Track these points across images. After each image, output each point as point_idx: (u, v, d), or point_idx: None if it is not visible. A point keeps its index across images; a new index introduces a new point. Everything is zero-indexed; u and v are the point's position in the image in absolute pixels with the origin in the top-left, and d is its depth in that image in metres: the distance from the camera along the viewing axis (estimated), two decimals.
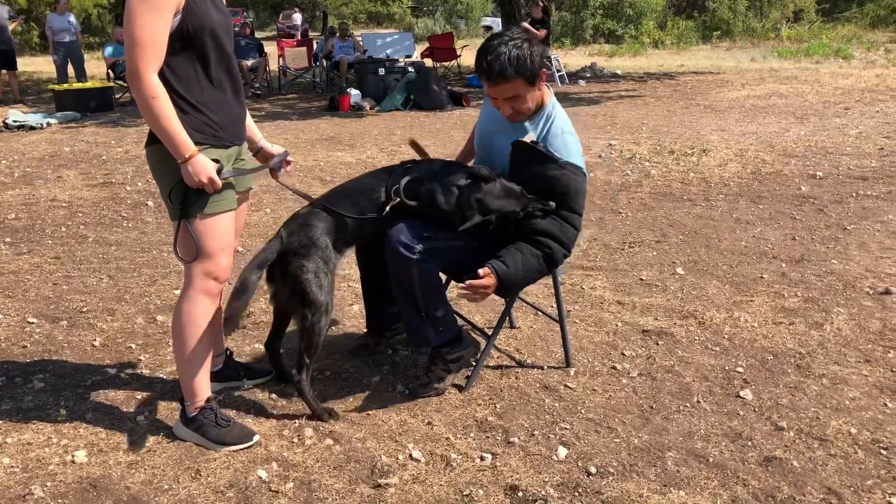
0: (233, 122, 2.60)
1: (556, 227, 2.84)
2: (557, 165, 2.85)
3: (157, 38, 2.34)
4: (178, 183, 2.47)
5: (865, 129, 8.83)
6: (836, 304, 3.83)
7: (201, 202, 2.50)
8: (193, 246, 2.54)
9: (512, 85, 2.77)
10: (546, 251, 2.83)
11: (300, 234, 2.81)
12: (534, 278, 2.90)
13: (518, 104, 2.85)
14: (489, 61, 2.76)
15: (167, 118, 2.36)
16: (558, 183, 2.84)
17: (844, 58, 19.29)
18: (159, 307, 4.00)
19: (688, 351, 3.37)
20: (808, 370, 3.17)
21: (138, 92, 2.35)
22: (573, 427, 2.78)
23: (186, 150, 2.40)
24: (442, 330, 2.96)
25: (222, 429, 2.69)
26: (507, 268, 2.77)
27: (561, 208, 2.85)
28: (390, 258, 2.83)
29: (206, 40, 2.46)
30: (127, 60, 2.35)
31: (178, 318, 2.63)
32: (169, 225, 5.53)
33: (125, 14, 2.34)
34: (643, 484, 2.44)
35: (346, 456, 2.63)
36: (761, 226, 5.20)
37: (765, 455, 2.59)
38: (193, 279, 2.59)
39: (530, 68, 2.76)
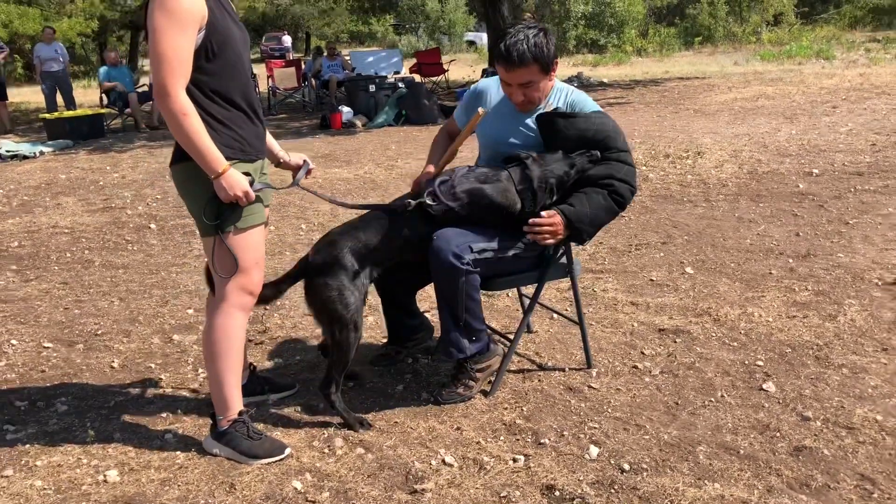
0: (257, 137, 2.62)
1: (608, 169, 2.93)
2: (583, 117, 2.97)
3: (183, 54, 2.36)
4: (212, 199, 2.48)
5: (855, 126, 8.94)
6: (847, 296, 3.87)
7: (235, 216, 2.51)
8: (231, 261, 2.54)
9: (528, 70, 2.87)
10: (611, 188, 2.91)
11: (325, 252, 2.85)
12: (605, 217, 2.96)
13: (530, 91, 2.95)
14: (507, 46, 2.86)
15: (198, 134, 2.38)
16: (593, 132, 2.95)
17: (826, 58, 19.54)
18: (174, 327, 4.00)
19: (706, 347, 3.40)
20: (828, 361, 3.20)
21: (168, 109, 2.35)
22: (602, 426, 2.80)
23: (219, 166, 2.41)
24: (475, 340, 2.99)
25: (254, 441, 2.69)
26: (574, 207, 2.87)
27: (605, 153, 2.94)
28: (438, 268, 2.85)
29: (230, 56, 2.49)
30: (154, 78, 2.36)
31: (213, 333, 2.63)
32: (175, 246, 5.55)
33: (150, 32, 2.36)
34: (678, 478, 2.46)
35: (379, 464, 2.63)
36: (764, 224, 5.25)
37: (794, 445, 2.61)
38: (229, 294, 2.59)
39: (546, 56, 2.88)
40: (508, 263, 2.99)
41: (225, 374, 2.67)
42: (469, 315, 2.93)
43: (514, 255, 2.98)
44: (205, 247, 2.65)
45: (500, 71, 2.96)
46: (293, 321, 3.98)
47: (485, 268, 2.89)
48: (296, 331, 3.87)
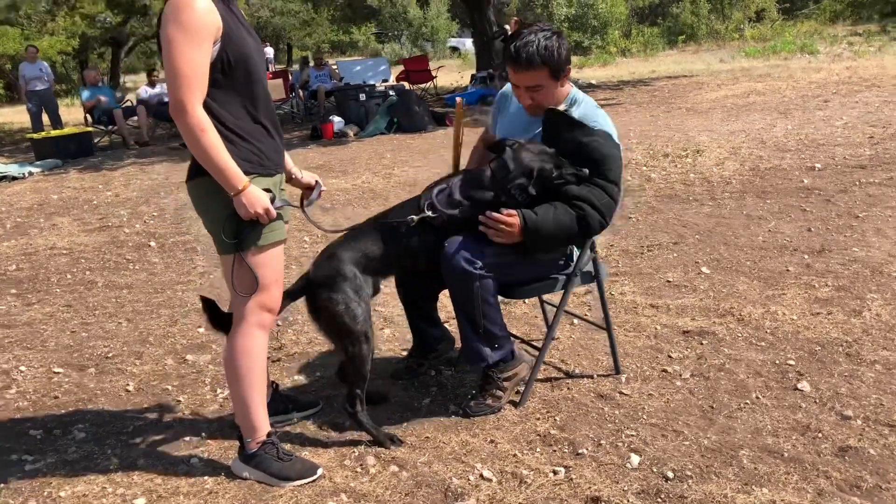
0: (275, 151, 2.55)
1: (589, 192, 2.80)
2: (589, 132, 2.85)
3: (199, 68, 2.29)
4: (231, 216, 2.41)
5: (850, 119, 8.94)
6: (869, 290, 3.83)
7: (255, 234, 2.44)
8: (252, 279, 2.47)
9: (536, 74, 2.81)
10: (579, 212, 2.79)
11: (326, 266, 2.79)
12: (564, 238, 2.86)
13: (539, 96, 2.88)
14: (517, 47, 2.80)
15: (217, 150, 2.31)
16: (591, 149, 2.83)
17: (811, 53, 19.60)
18: (186, 347, 3.91)
19: (734, 348, 3.35)
20: (859, 358, 3.15)
21: (185, 125, 2.29)
22: (639, 433, 2.74)
23: (239, 182, 2.34)
24: (498, 347, 2.92)
25: (285, 463, 2.62)
26: (536, 216, 2.75)
27: (594, 176, 2.82)
28: (450, 274, 2.79)
29: (246, 67, 2.42)
30: (170, 94, 2.29)
31: (234, 355, 2.55)
32: (177, 264, 5.46)
33: (164, 46, 2.29)
34: (724, 484, 2.40)
35: (415, 481, 2.56)
36: (774, 220, 5.21)
37: (839, 445, 2.56)
38: (248, 313, 2.52)
39: (556, 61, 2.81)
40: (527, 268, 2.93)
41: (250, 396, 2.59)
42: (488, 321, 2.87)
43: (531, 259, 2.90)
44: (223, 265, 2.57)
45: (509, 72, 2.91)
46: (308, 336, 3.90)
47: (499, 273, 2.83)
48: (312, 346, 3.79)
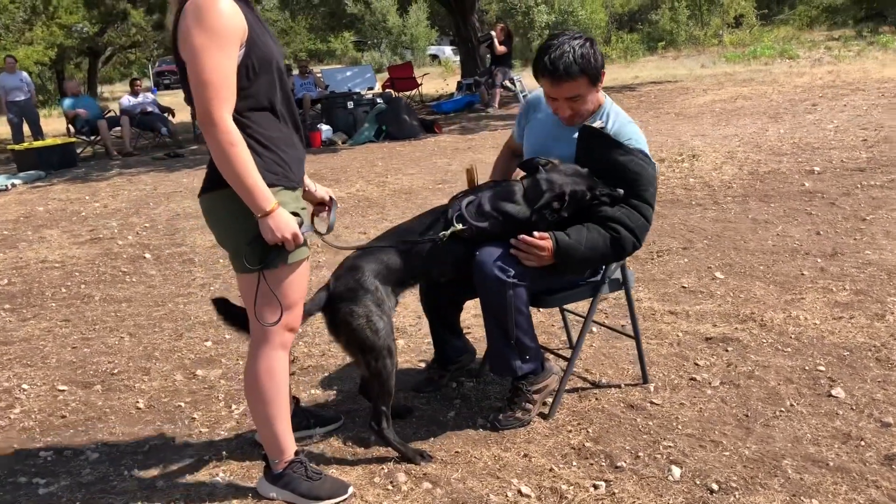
0: (298, 161, 2.43)
1: (623, 213, 2.75)
2: (625, 151, 2.78)
3: (228, 76, 2.16)
4: (255, 239, 2.26)
5: (840, 122, 8.98)
6: (888, 294, 3.80)
7: (281, 258, 2.30)
8: (277, 306, 2.33)
9: (576, 84, 2.72)
10: (613, 234, 2.73)
11: (346, 278, 2.68)
12: (597, 259, 2.79)
13: (578, 105, 2.80)
14: (553, 59, 2.70)
15: (247, 168, 2.17)
16: (626, 169, 2.76)
17: (791, 58, 19.75)
18: (195, 361, 3.80)
19: (760, 355, 3.29)
20: (890, 362, 3.11)
21: (214, 138, 2.15)
22: (676, 444, 2.67)
23: (268, 203, 2.20)
24: (528, 359, 2.85)
25: (314, 482, 2.52)
26: (569, 238, 2.69)
27: (629, 196, 2.75)
28: (483, 283, 2.71)
29: (271, 72, 2.31)
30: (198, 105, 2.14)
31: (258, 378, 2.42)
32: (175, 276, 5.34)
33: (189, 55, 2.15)
34: (772, 496, 2.34)
35: (451, 498, 2.48)
36: (781, 224, 5.19)
37: (884, 454, 2.51)
38: (271, 335, 2.39)
39: (594, 66, 2.73)
40: (555, 277, 2.86)
41: (276, 418, 2.47)
42: (520, 332, 2.79)
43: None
44: (241, 284, 2.41)
45: (545, 86, 2.81)
46: (321, 349, 3.81)
47: (531, 281, 2.75)
48: (325, 359, 3.69)
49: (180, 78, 2.32)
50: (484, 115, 13.72)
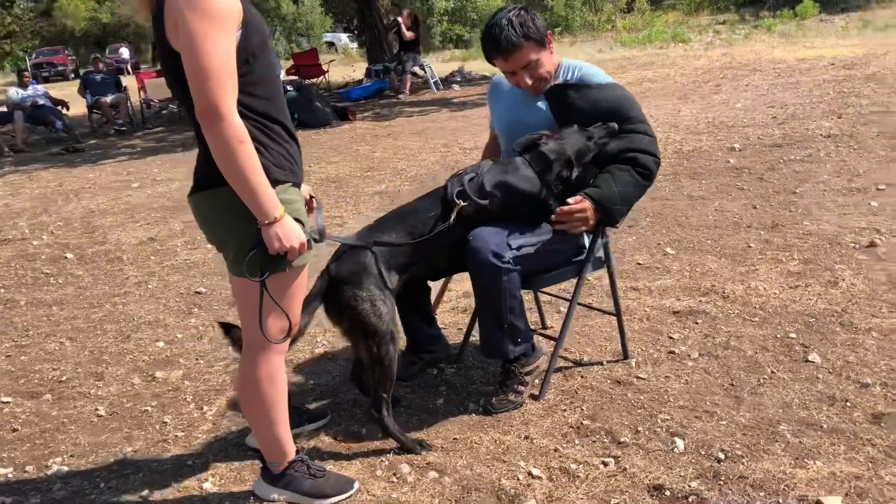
0: (299, 154, 2.28)
1: (627, 141, 2.80)
2: (596, 87, 2.85)
3: (231, 63, 1.96)
4: (255, 247, 2.08)
5: (747, 102, 9.35)
6: (834, 262, 3.96)
7: (284, 263, 2.13)
8: (283, 317, 2.19)
9: (524, 52, 2.78)
10: (634, 163, 2.79)
11: (349, 261, 2.59)
12: (634, 193, 2.84)
13: (536, 71, 2.84)
14: (495, 35, 2.78)
15: (254, 168, 1.98)
16: (605, 102, 2.83)
17: (683, 41, 20.45)
18: (151, 363, 3.60)
19: (730, 325, 3.38)
20: (854, 326, 3.24)
21: (219, 134, 1.94)
22: (673, 417, 2.71)
23: (275, 209, 2.03)
24: (521, 342, 2.82)
25: (318, 480, 2.41)
26: (601, 188, 2.74)
27: (623, 123, 2.81)
28: (478, 270, 2.67)
29: (268, 58, 2.15)
30: (200, 97, 1.93)
31: (258, 384, 2.28)
32: (106, 276, 5.07)
33: (186, 42, 1.93)
34: (777, 461, 2.39)
35: (462, 486, 2.43)
36: (717, 199, 5.35)
37: (871, 413, 2.61)
38: (270, 339, 2.24)
39: (535, 30, 2.79)
40: (547, 258, 2.85)
41: (277, 423, 2.34)
42: (513, 316, 2.76)
43: (553, 248, 2.84)
44: (236, 288, 2.25)
45: (499, 64, 2.87)
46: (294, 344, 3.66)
47: (524, 265, 2.73)
48: (297, 354, 3.55)
49: (165, 71, 2.12)
50: (397, 102, 13.62)
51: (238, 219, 2.09)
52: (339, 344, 3.59)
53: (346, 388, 3.17)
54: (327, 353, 3.52)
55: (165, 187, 7.97)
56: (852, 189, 5.20)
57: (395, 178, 7.25)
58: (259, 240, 2.07)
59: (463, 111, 11.65)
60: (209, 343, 3.77)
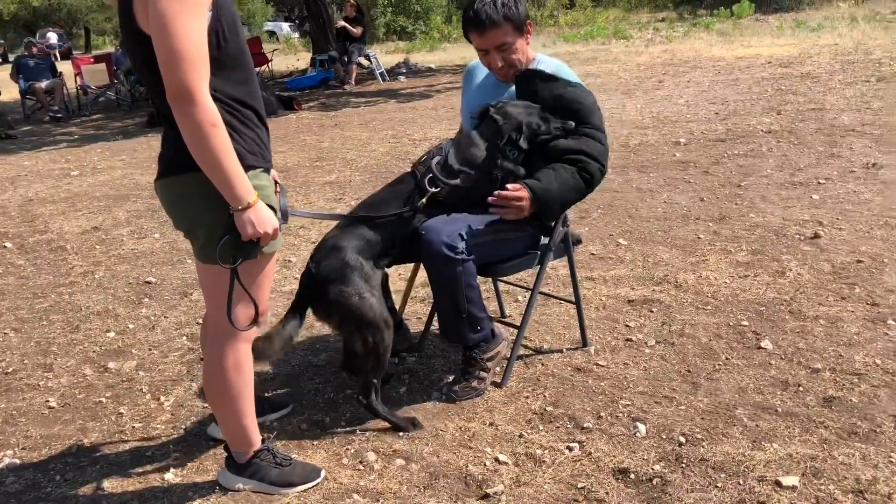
0: (268, 140, 2.25)
1: (580, 143, 2.80)
2: (564, 84, 2.85)
3: (203, 45, 1.91)
4: (227, 234, 2.03)
5: (689, 98, 9.55)
6: (781, 253, 4.09)
7: (256, 250, 2.10)
8: (251, 305, 2.16)
9: (501, 31, 2.77)
10: (580, 166, 2.78)
11: (331, 259, 2.59)
12: (573, 195, 2.84)
13: (509, 55, 2.84)
14: (476, 10, 2.77)
15: (227, 153, 1.93)
16: (569, 100, 2.83)
17: (625, 38, 20.76)
18: (102, 354, 3.51)
19: (684, 314, 3.46)
20: (802, 314, 3.35)
21: (192, 118, 1.88)
22: (633, 402, 2.76)
23: (249, 195, 1.98)
24: (479, 329, 2.84)
25: (284, 468, 2.40)
26: (541, 182, 2.73)
27: (579, 125, 2.81)
28: (432, 261, 2.68)
29: (239, 42, 2.11)
30: (172, 80, 1.87)
31: (225, 373, 2.24)
32: (49, 265, 4.93)
33: (157, 24, 1.87)
34: (736, 444, 2.47)
35: (429, 473, 2.44)
36: (665, 192, 5.46)
37: (822, 396, 2.71)
38: (238, 327, 2.20)
39: (516, 13, 2.78)
40: (502, 248, 2.87)
41: (244, 412, 2.31)
42: (471, 305, 2.78)
43: (507, 238, 2.85)
44: (205, 276, 2.21)
45: (474, 40, 2.85)
46: None
47: (478, 254, 2.75)
48: None
49: (132, 56, 2.07)
50: (342, 92, 13.52)
51: (208, 205, 2.05)
52: None
53: (307, 377, 3.15)
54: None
55: (107, 175, 7.77)
56: (794, 183, 5.37)
57: (345, 168, 7.21)
58: (231, 226, 2.03)
59: (410, 102, 11.63)
60: (162, 333, 3.69)
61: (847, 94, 8.64)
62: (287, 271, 4.40)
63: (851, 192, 5.03)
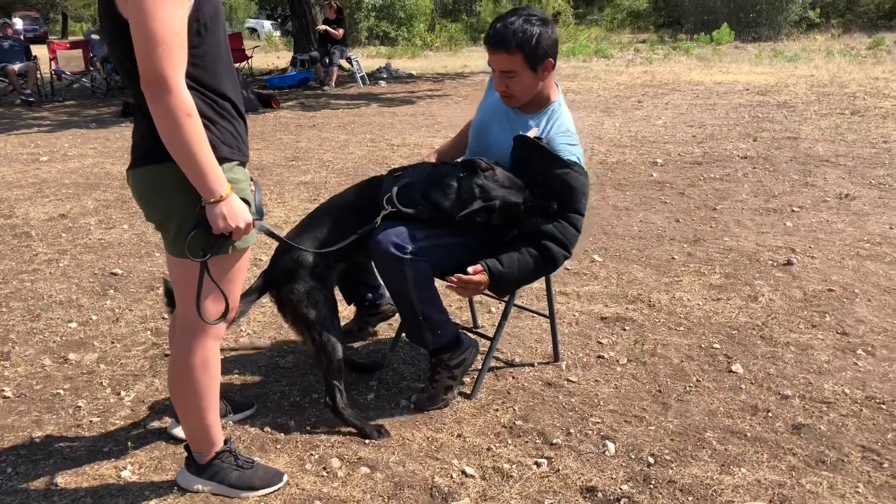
0: (246, 134, 2.20)
1: (556, 227, 2.70)
2: (561, 164, 2.70)
3: (182, 33, 1.86)
4: (199, 226, 1.99)
5: (667, 119, 9.62)
6: (754, 277, 4.10)
7: (227, 244, 2.05)
8: (221, 299, 2.11)
9: (510, 58, 2.64)
10: (545, 253, 2.70)
11: (285, 258, 2.63)
12: (530, 279, 2.78)
13: (513, 84, 2.71)
14: (496, 27, 2.66)
15: (201, 144, 1.89)
16: (561, 182, 2.70)
17: (605, 57, 20.94)
18: (62, 344, 3.41)
19: (657, 333, 3.45)
20: (773, 340, 3.36)
21: (166, 106, 1.83)
22: (603, 420, 2.74)
23: (221, 187, 1.94)
24: (440, 333, 2.78)
25: (245, 471, 2.34)
26: (502, 267, 2.65)
27: (562, 208, 2.71)
28: (381, 261, 2.65)
29: (219, 32, 2.06)
30: (146, 66, 1.82)
31: (192, 370, 2.18)
32: (12, 251, 4.81)
33: (135, 8, 1.81)
34: (704, 466, 2.45)
35: (394, 482, 2.39)
36: (641, 211, 5.47)
37: (791, 423, 2.70)
38: (208, 325, 2.16)
39: (533, 47, 2.62)
40: (460, 251, 2.79)
41: (208, 410, 2.25)
42: (427, 307, 2.72)
43: (463, 241, 2.76)
44: (174, 269, 2.15)
45: (488, 53, 2.74)
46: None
47: (434, 257, 2.68)
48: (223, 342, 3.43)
49: (110, 42, 2.00)
50: (322, 94, 13.43)
51: (182, 197, 1.99)
52: (264, 335, 3.50)
53: (273, 379, 3.09)
54: (253, 344, 3.42)
55: (78, 163, 7.62)
56: (769, 209, 5.41)
57: (321, 169, 7.14)
58: (202, 218, 1.98)
59: (391, 107, 11.58)
60: (126, 326, 3.61)
61: (822, 125, 8.75)
62: (258, 270, 4.32)
63: (824, 222, 5.08)
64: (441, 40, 27.55)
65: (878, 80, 12.92)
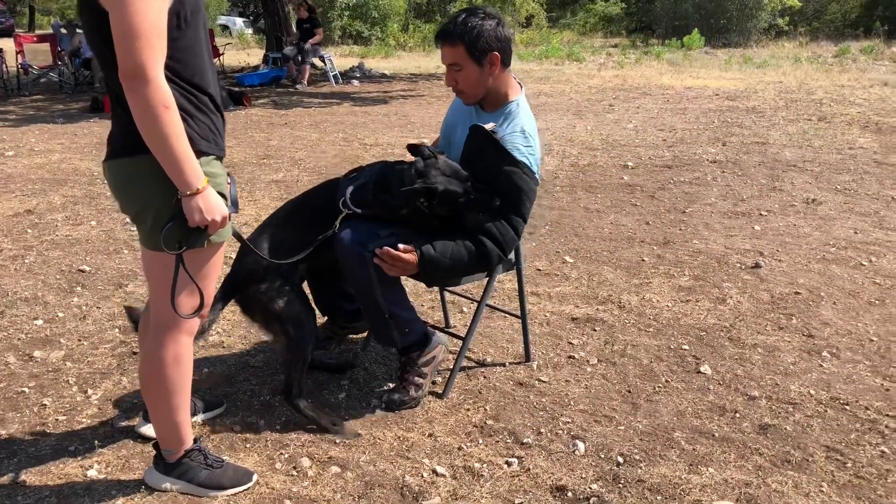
0: (224, 128, 2.19)
1: (496, 227, 2.70)
2: (510, 162, 2.69)
3: (161, 25, 1.85)
4: (174, 219, 1.98)
5: (638, 123, 9.70)
6: (722, 280, 4.15)
7: (201, 240, 2.05)
8: (195, 293, 2.09)
9: (452, 50, 2.69)
10: (481, 249, 2.69)
11: (247, 259, 2.63)
12: (462, 273, 2.78)
13: (460, 78, 2.74)
14: (445, 23, 2.73)
15: (178, 136, 1.88)
16: (508, 181, 2.69)
17: (577, 60, 21.06)
18: (27, 342, 3.36)
19: (626, 334, 3.48)
20: (741, 342, 3.40)
21: (144, 98, 1.83)
22: (574, 420, 2.76)
23: (198, 180, 1.93)
24: (408, 332, 2.79)
25: (215, 470, 2.32)
26: (434, 252, 2.63)
27: (505, 208, 2.70)
28: (345, 260, 2.65)
29: (199, 26, 2.04)
30: (126, 58, 1.81)
31: (164, 366, 2.17)
32: None
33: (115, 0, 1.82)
34: (673, 466, 2.48)
35: (364, 482, 2.39)
36: (612, 213, 5.51)
37: (758, 424, 2.74)
38: (181, 320, 2.14)
39: (473, 38, 2.66)
40: None
41: (179, 408, 2.24)
42: (393, 305, 2.73)
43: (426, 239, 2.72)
44: (148, 262, 2.14)
45: None
46: None
47: None
48: None
49: (89, 33, 1.99)
50: (294, 92, 13.35)
51: (159, 189, 1.98)
52: (234, 333, 3.48)
53: (243, 378, 3.07)
54: (222, 342, 3.39)
55: (44, 158, 7.50)
56: (737, 213, 5.48)
57: (293, 168, 7.10)
58: (178, 211, 1.98)
59: (363, 107, 11.55)
60: (93, 324, 3.56)
61: (790, 131, 8.88)
62: None
63: (791, 226, 5.16)
64: (415, 41, 27.50)
65: (844, 87, 13.15)
